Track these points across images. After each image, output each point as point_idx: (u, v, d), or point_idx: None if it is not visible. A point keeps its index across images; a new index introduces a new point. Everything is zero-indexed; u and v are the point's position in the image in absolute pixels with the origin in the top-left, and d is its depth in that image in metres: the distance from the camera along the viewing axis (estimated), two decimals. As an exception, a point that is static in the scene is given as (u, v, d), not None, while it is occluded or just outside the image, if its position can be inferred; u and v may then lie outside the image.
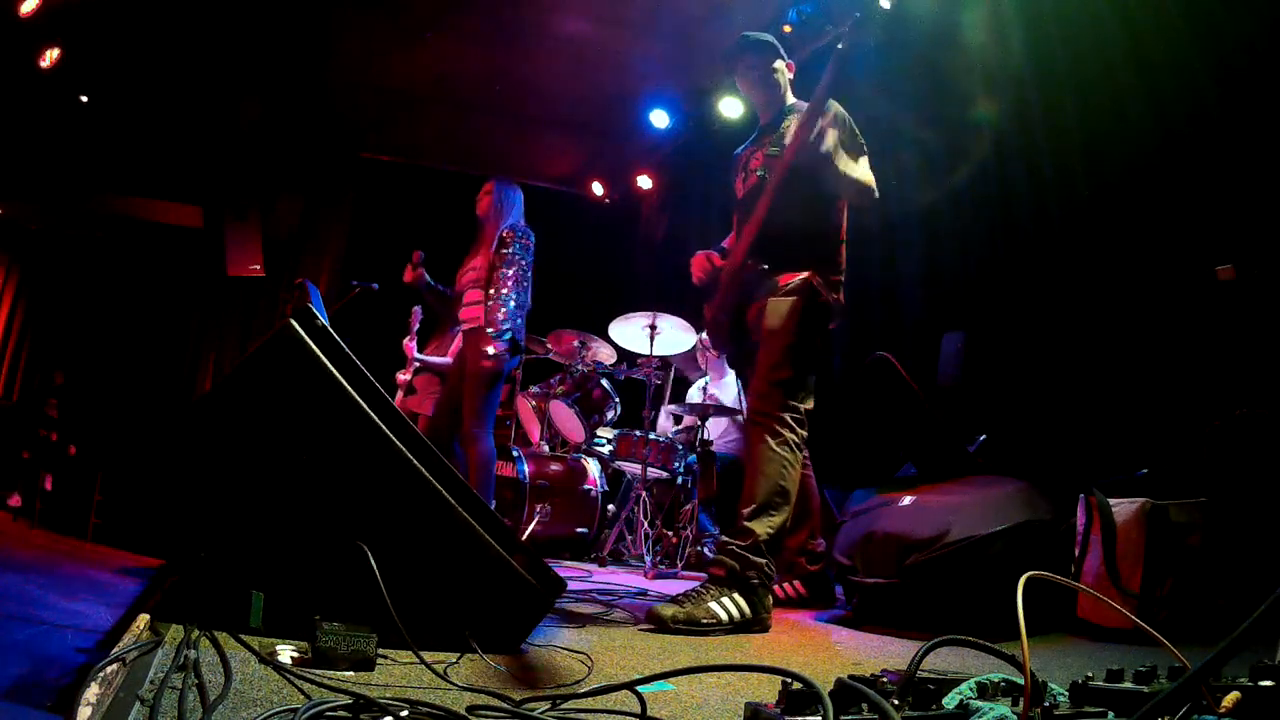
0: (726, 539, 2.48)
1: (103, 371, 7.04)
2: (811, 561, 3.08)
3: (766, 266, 2.67)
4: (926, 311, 4.31)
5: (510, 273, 3.75)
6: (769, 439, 2.49)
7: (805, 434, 2.56)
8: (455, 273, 4.08)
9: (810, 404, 2.59)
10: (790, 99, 2.86)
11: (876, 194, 2.64)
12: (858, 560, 2.70)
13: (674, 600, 2.34)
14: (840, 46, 2.50)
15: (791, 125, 2.67)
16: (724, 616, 2.31)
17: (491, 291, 3.72)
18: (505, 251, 3.79)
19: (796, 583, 3.08)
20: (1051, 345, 3.52)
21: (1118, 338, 3.26)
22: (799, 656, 2.11)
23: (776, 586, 2.97)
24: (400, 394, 5.08)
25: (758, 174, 2.78)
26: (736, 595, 2.36)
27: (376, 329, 5.55)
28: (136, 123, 6.55)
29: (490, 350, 3.64)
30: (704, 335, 4.83)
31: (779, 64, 2.84)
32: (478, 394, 3.72)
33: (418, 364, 5.11)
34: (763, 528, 2.42)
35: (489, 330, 3.66)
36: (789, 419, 2.51)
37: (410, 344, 5.09)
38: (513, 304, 3.70)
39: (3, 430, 6.27)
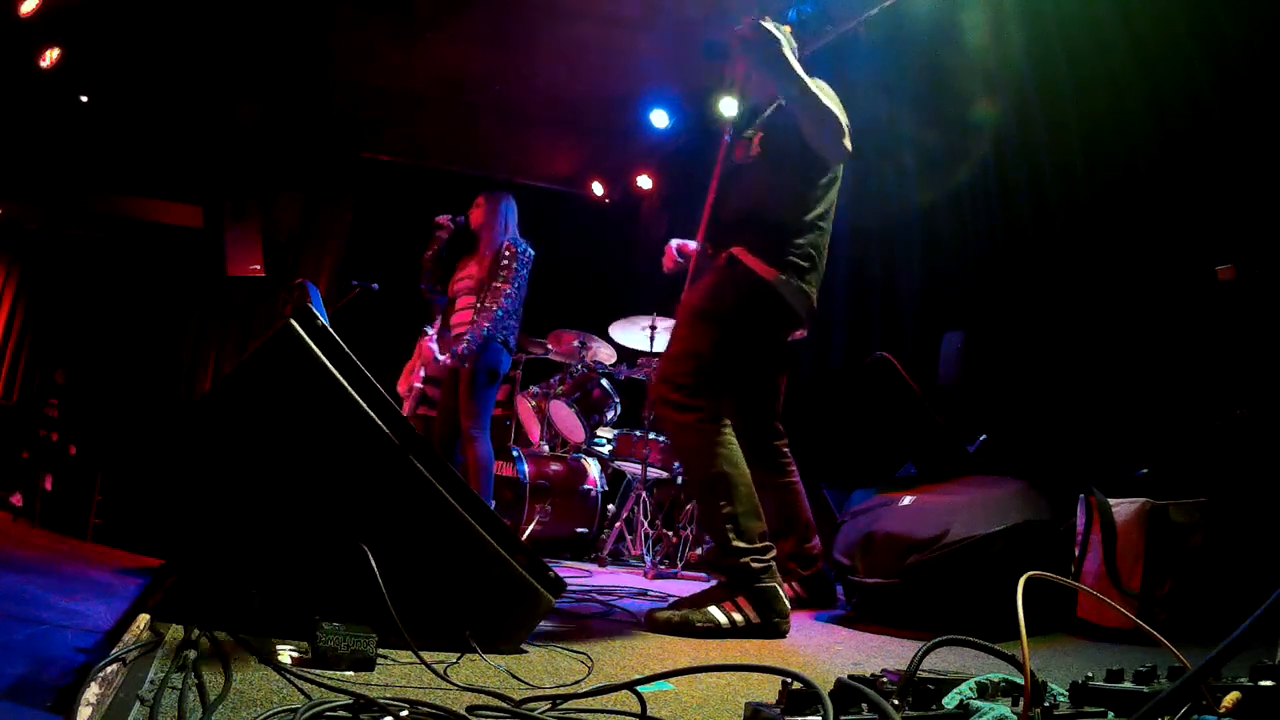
0: (704, 557, 2.44)
1: (103, 371, 7.04)
2: (805, 565, 2.97)
3: (712, 250, 2.60)
4: (926, 311, 4.31)
5: (510, 290, 3.78)
6: (673, 432, 2.38)
7: (712, 400, 2.34)
8: (450, 279, 4.10)
9: (702, 376, 2.36)
10: None
11: (847, 140, 2.38)
12: (858, 560, 2.69)
13: (674, 604, 2.33)
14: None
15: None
16: (722, 621, 2.25)
17: (487, 304, 3.75)
18: (507, 265, 3.82)
19: (794, 583, 3.06)
20: (1051, 345, 3.52)
21: (1118, 337, 3.26)
22: (799, 656, 2.11)
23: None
24: (409, 404, 4.93)
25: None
26: (741, 601, 2.28)
27: (376, 329, 5.55)
28: (136, 123, 6.56)
29: (458, 349, 3.67)
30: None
31: None
32: (473, 396, 3.74)
33: (427, 371, 4.97)
34: (717, 525, 2.31)
35: (466, 335, 3.71)
36: (683, 398, 2.32)
37: (431, 345, 4.90)
38: (499, 313, 3.73)
39: (3, 430, 6.27)
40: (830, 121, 2.33)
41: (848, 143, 2.40)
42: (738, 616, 2.26)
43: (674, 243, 2.85)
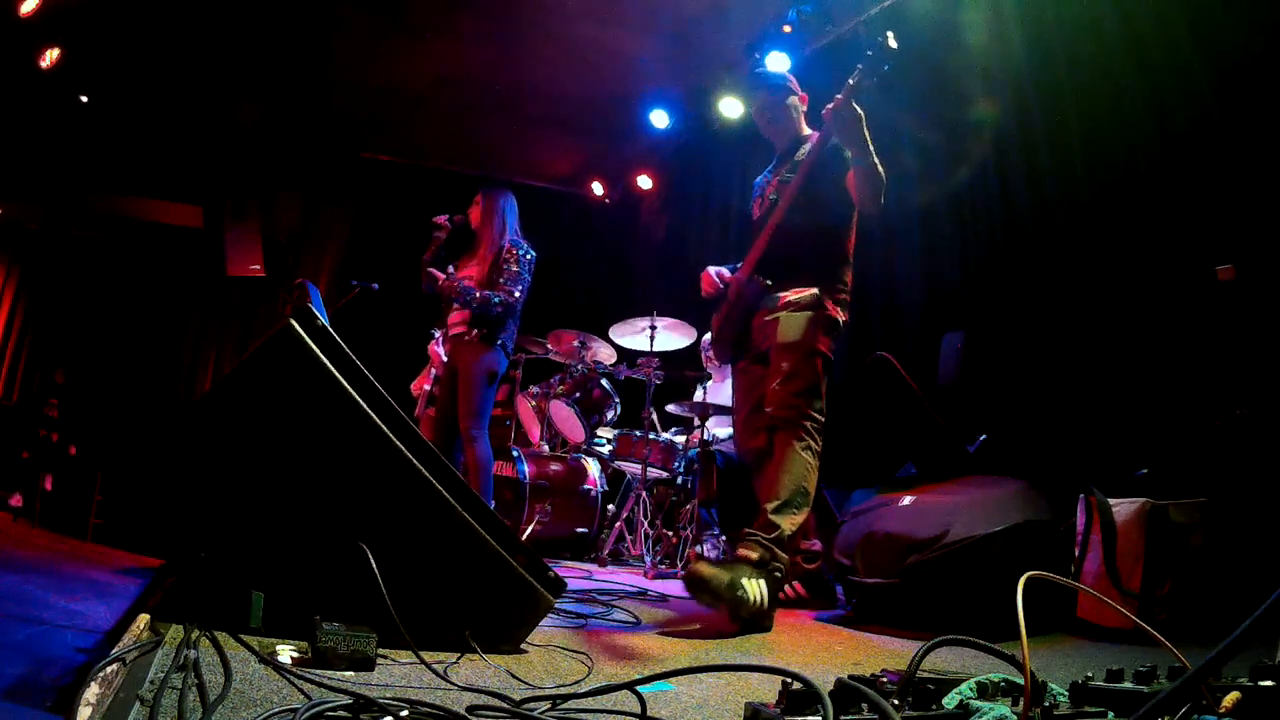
0: (750, 530, 2.48)
1: (103, 371, 7.03)
2: (808, 560, 3.09)
3: (771, 283, 2.77)
4: (926, 311, 4.31)
5: (514, 291, 3.77)
6: (796, 443, 2.56)
7: (822, 443, 2.64)
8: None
9: (823, 417, 2.67)
10: (804, 130, 2.98)
11: (883, 199, 2.71)
12: (858, 560, 2.69)
13: (715, 562, 2.37)
14: (851, 83, 2.55)
15: (806, 148, 2.80)
16: (748, 599, 2.31)
17: (490, 290, 3.74)
18: (511, 269, 3.81)
19: (796, 583, 3.08)
20: (1051, 345, 3.52)
21: (1118, 337, 3.26)
22: (799, 656, 2.11)
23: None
24: (421, 404, 4.96)
25: (771, 198, 2.88)
26: (762, 583, 2.37)
27: (376, 329, 5.54)
28: (136, 123, 6.56)
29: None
30: (707, 338, 4.84)
31: (792, 100, 2.96)
32: (472, 395, 3.73)
33: (438, 371, 4.93)
34: (787, 522, 2.46)
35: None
36: (812, 427, 2.60)
37: (437, 349, 4.91)
38: (497, 298, 3.72)
39: (3, 430, 6.27)
40: (881, 189, 2.67)
41: (883, 198, 2.71)
42: (758, 596, 2.35)
43: (712, 270, 3.00)
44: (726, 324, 2.93)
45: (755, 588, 2.33)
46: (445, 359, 4.45)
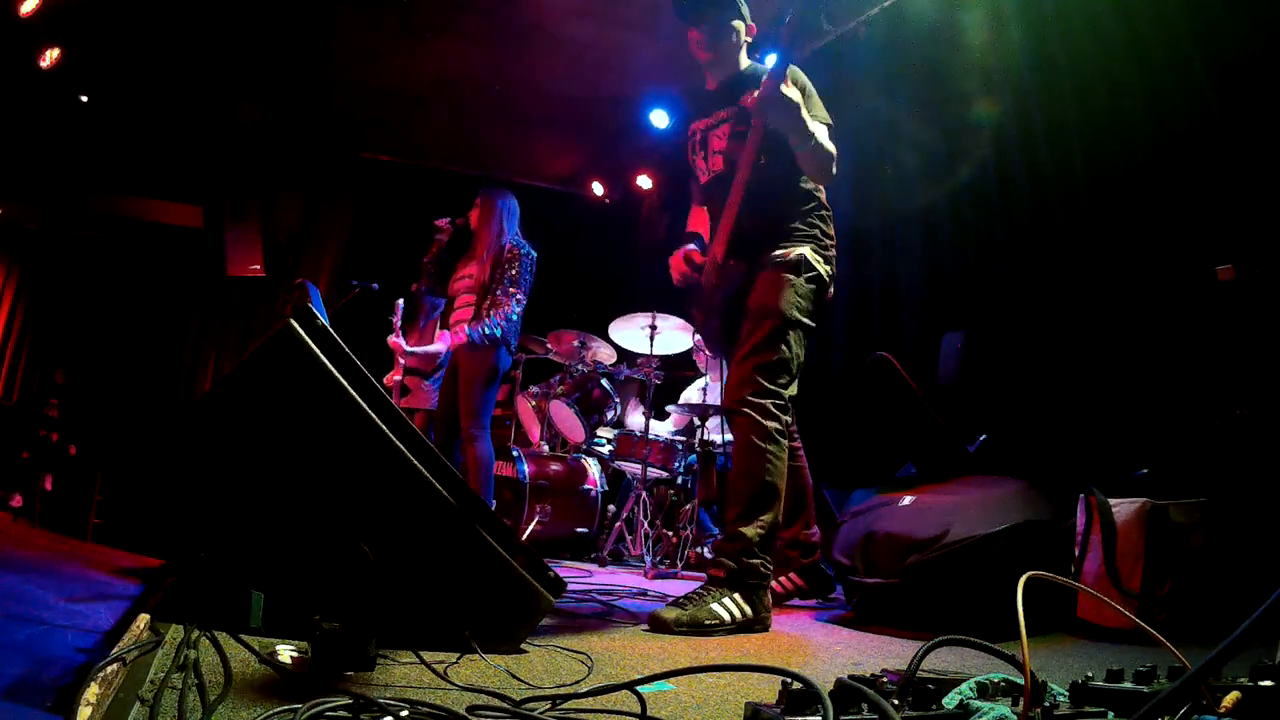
0: (721, 544, 2.48)
1: (103, 371, 7.04)
2: (805, 554, 3.02)
3: (749, 265, 2.59)
4: (926, 311, 4.31)
5: (518, 294, 3.78)
6: (750, 432, 2.41)
7: (789, 419, 2.48)
8: (449, 278, 4.10)
9: (794, 389, 2.50)
10: (745, 62, 2.72)
11: (835, 169, 2.50)
12: (858, 560, 2.69)
13: (676, 603, 2.33)
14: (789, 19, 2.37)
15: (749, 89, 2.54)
16: (726, 617, 2.31)
17: (495, 303, 3.75)
18: (511, 270, 3.80)
19: (792, 575, 3.06)
20: (1052, 345, 3.52)
21: (1118, 337, 3.26)
22: (799, 656, 2.11)
23: (774, 582, 2.96)
24: (394, 396, 4.98)
25: (720, 155, 2.67)
26: (737, 596, 2.35)
27: (376, 329, 5.54)
28: (136, 123, 6.57)
29: (470, 335, 3.66)
30: (698, 337, 4.82)
31: (737, 23, 2.67)
32: (473, 395, 3.74)
33: (404, 361, 4.95)
34: (753, 530, 2.39)
35: (478, 323, 3.69)
36: (770, 406, 2.42)
37: (397, 340, 4.91)
38: (514, 317, 3.74)
39: (3, 430, 6.27)
40: (831, 162, 2.49)
41: (834, 169, 2.52)
42: (736, 611, 2.34)
43: (680, 254, 2.79)
44: (711, 314, 2.72)
45: (727, 608, 2.31)
46: (408, 350, 4.47)
